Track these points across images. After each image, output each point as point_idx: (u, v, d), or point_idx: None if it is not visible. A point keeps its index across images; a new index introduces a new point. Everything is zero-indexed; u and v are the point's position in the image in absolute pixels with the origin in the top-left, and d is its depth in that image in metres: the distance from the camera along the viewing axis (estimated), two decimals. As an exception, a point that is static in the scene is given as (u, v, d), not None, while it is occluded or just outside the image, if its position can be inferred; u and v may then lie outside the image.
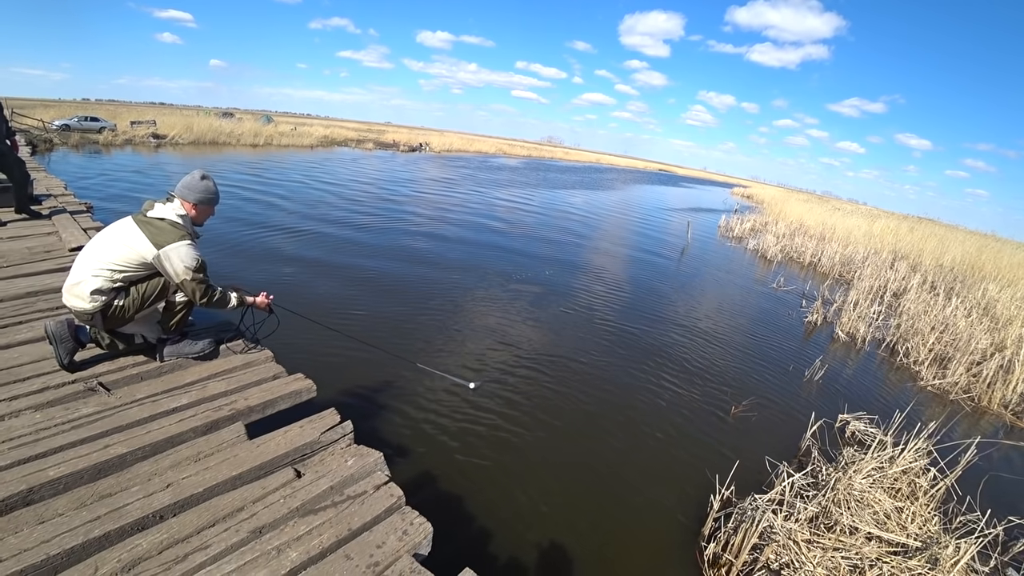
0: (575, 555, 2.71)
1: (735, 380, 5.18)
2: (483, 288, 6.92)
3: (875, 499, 3.16)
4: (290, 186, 14.21)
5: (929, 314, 8.03)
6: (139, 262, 2.30)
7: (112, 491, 1.73)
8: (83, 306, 2.27)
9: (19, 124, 19.98)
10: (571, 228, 13.47)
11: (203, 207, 2.50)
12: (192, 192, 2.44)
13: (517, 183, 24.99)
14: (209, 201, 2.52)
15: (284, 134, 33.69)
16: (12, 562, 1.40)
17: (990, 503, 3.31)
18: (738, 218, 19.03)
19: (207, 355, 2.63)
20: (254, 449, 2.00)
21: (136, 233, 2.29)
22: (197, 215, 2.49)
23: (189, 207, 2.44)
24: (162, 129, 25.44)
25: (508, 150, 67.63)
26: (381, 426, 3.48)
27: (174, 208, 2.40)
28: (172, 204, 2.42)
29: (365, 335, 3.83)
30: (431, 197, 15.75)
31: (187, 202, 2.44)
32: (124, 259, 2.28)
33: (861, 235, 16.67)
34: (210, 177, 2.52)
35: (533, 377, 4.52)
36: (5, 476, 1.68)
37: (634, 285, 8.45)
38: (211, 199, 2.52)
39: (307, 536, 1.64)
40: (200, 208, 2.49)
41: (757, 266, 12.32)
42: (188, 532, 1.60)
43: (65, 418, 2.02)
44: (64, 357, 2.29)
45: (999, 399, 5.69)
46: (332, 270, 6.84)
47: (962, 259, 14.13)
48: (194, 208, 2.46)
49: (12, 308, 2.94)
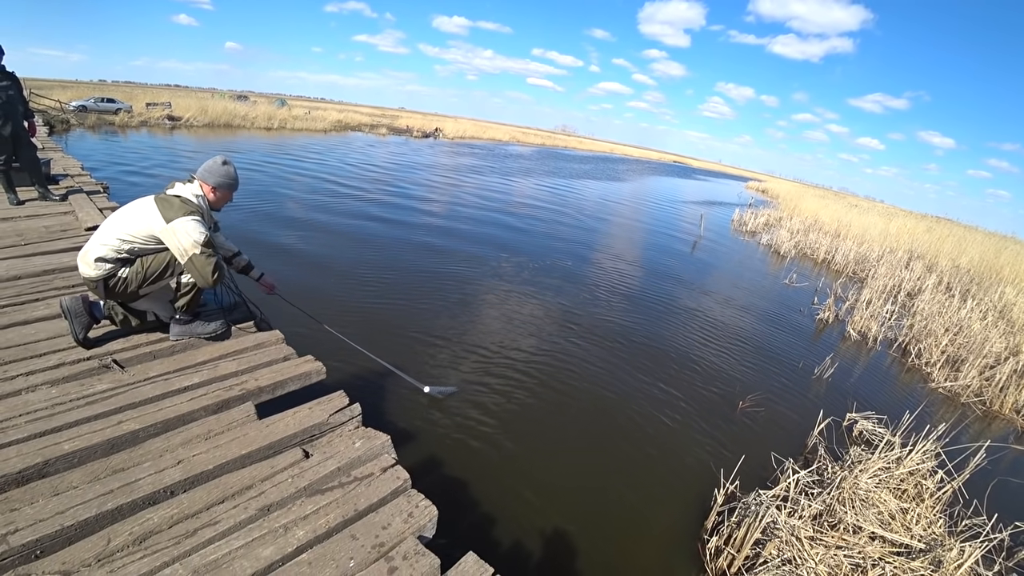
0: (577, 542, 2.73)
1: (743, 374, 5.16)
2: (492, 277, 6.92)
3: (880, 499, 3.14)
4: (303, 168, 14.27)
5: (943, 315, 7.92)
6: (148, 234, 2.33)
7: (124, 466, 1.77)
8: (89, 272, 2.34)
9: (37, 105, 20.19)
10: (583, 219, 13.38)
11: (222, 191, 2.56)
12: (212, 176, 2.49)
13: (530, 172, 24.84)
14: (228, 186, 2.57)
15: (298, 118, 33.70)
16: (28, 531, 1.44)
17: (997, 508, 3.28)
18: (752, 212, 18.81)
19: (219, 335, 2.67)
20: (263, 429, 2.04)
21: (151, 207, 2.34)
22: (215, 199, 2.55)
23: (208, 190, 2.50)
24: (177, 111, 25.55)
25: (522, 138, 67.20)
26: (389, 409, 3.51)
27: (192, 188, 2.46)
28: (191, 185, 2.48)
29: (344, 330, 3.84)
30: (444, 185, 15.72)
31: (207, 184, 2.49)
32: (135, 230, 2.33)
33: (877, 233, 16.39)
34: (231, 163, 2.57)
35: (540, 366, 4.52)
36: (22, 448, 1.73)
37: (644, 276, 8.40)
38: (231, 184, 2.58)
39: (314, 515, 1.67)
40: (219, 192, 2.54)
41: (770, 261, 12.19)
42: (198, 508, 1.63)
43: (80, 394, 2.07)
44: (79, 332, 2.34)
45: (1011, 404, 5.62)
46: (336, 263, 6.87)
47: (980, 260, 13.87)
48: (213, 192, 2.51)
49: (30, 285, 2.99)
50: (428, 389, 2.44)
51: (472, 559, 1.62)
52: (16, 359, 2.24)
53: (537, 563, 2.57)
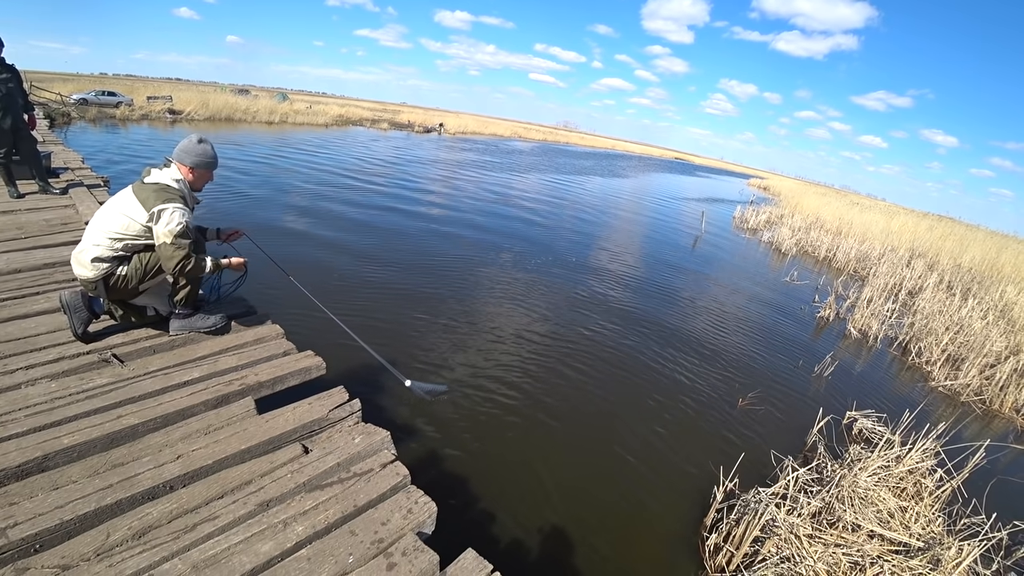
0: (577, 538, 2.74)
1: (743, 372, 5.16)
2: (490, 272, 6.91)
3: (879, 497, 3.15)
4: (307, 161, 14.25)
5: (944, 314, 7.91)
6: (137, 230, 2.30)
7: (124, 460, 1.76)
8: (86, 273, 2.30)
9: (38, 98, 20.14)
10: (584, 214, 13.36)
11: (201, 171, 2.47)
12: (189, 156, 2.41)
13: (532, 167, 24.80)
14: (207, 165, 2.48)
15: (299, 112, 33.65)
16: (27, 525, 1.44)
17: (996, 507, 3.28)
18: (753, 209, 18.77)
19: (218, 330, 2.66)
20: (263, 424, 2.03)
21: (132, 201, 2.29)
22: (195, 180, 2.47)
23: (186, 171, 2.42)
24: (178, 105, 25.52)
25: (523, 134, 67.07)
26: (389, 405, 3.51)
27: (170, 173, 2.38)
28: (169, 169, 2.39)
29: (344, 314, 3.82)
30: (446, 180, 15.68)
31: (184, 166, 2.41)
32: (122, 228, 2.29)
33: (878, 231, 16.37)
34: (208, 141, 2.48)
35: (541, 363, 4.53)
36: (21, 442, 1.72)
37: (644, 273, 8.39)
38: (209, 163, 2.49)
39: (313, 511, 1.66)
40: (198, 172, 2.46)
41: (771, 259, 12.18)
42: (197, 503, 1.63)
43: (79, 388, 2.06)
44: (78, 327, 2.33)
45: (1011, 403, 5.61)
46: (341, 252, 6.87)
47: (981, 259, 13.85)
48: (191, 172, 2.43)
49: (29, 279, 2.98)
50: (410, 383, 2.37)
51: (471, 555, 1.61)
52: (16, 353, 2.23)
53: (536, 559, 2.58)
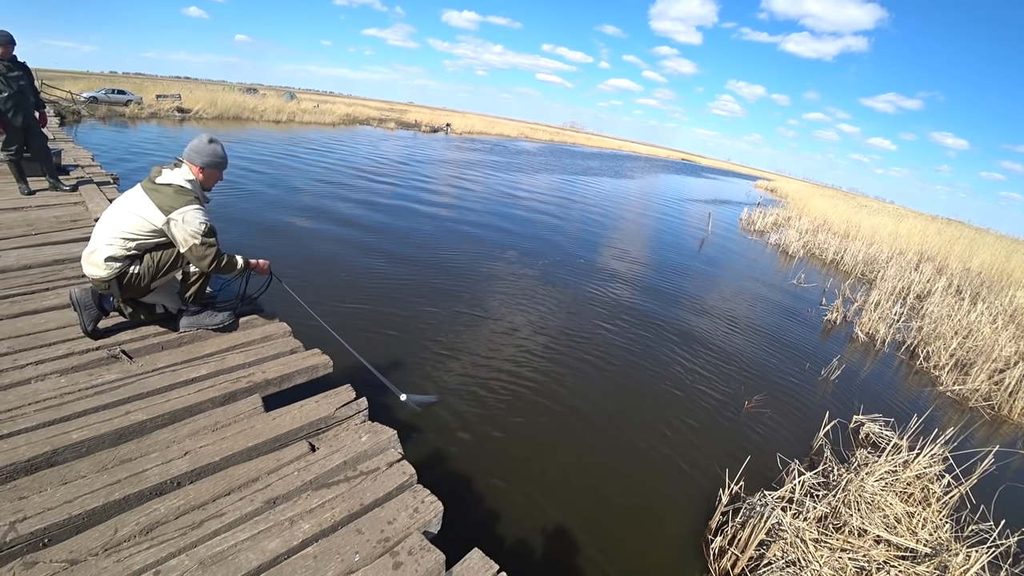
0: (582, 540, 2.73)
1: (749, 375, 5.13)
2: (498, 269, 6.92)
3: (886, 502, 3.12)
4: (314, 160, 14.30)
5: (953, 318, 7.84)
6: (150, 230, 2.32)
7: (132, 456, 1.78)
8: (99, 273, 2.31)
9: (49, 95, 20.31)
10: (591, 215, 13.34)
11: (211, 171, 2.49)
12: (200, 156, 2.42)
13: (539, 168, 24.79)
14: (217, 165, 2.50)
15: (307, 111, 33.77)
16: (36, 519, 1.46)
17: (1005, 514, 3.25)
18: (760, 211, 18.69)
19: (226, 327, 2.67)
20: (270, 421, 2.04)
21: (144, 201, 2.30)
22: (205, 179, 2.49)
23: (197, 171, 2.43)
24: (187, 103, 25.66)
25: (530, 134, 67.06)
26: (396, 404, 3.50)
27: (182, 173, 2.39)
28: (180, 169, 2.41)
29: (337, 321, 3.83)
30: (454, 180, 15.70)
31: (195, 166, 2.43)
32: (135, 228, 2.30)
33: (886, 234, 16.24)
34: (218, 141, 2.50)
35: (546, 364, 4.52)
36: (31, 437, 1.74)
37: (650, 273, 8.36)
38: (219, 163, 2.50)
39: (319, 509, 1.67)
40: (208, 172, 2.48)
41: (778, 261, 12.11)
42: (204, 499, 1.64)
43: (88, 384, 2.08)
44: (88, 324, 2.34)
45: (1020, 409, 5.56)
46: (350, 247, 6.88)
47: (991, 263, 13.72)
48: (202, 172, 2.45)
49: (40, 275, 3.01)
50: (405, 397, 2.41)
51: (477, 555, 1.62)
52: (26, 348, 2.25)
53: (542, 560, 2.57)
